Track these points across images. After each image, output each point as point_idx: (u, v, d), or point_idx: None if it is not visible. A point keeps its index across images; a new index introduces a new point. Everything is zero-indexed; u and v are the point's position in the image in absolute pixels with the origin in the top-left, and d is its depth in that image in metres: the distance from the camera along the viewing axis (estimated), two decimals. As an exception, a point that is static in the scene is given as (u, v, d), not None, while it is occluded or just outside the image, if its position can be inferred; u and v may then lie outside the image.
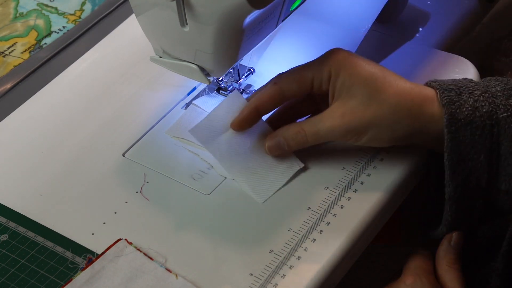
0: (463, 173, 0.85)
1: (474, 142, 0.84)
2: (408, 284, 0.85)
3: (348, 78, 0.87)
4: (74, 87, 1.03)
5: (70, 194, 0.91)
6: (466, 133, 0.84)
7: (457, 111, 0.84)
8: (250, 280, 0.82)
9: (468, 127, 0.84)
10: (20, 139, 0.98)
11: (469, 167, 0.85)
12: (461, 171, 0.85)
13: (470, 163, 0.85)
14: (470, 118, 0.84)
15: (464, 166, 0.85)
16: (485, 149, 0.84)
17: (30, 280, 0.84)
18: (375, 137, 0.87)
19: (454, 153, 0.85)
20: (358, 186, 0.89)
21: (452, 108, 0.84)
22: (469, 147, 0.84)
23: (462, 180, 0.85)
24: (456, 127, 0.84)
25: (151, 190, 0.91)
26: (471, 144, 0.84)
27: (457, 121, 0.84)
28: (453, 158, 0.85)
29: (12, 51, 1.10)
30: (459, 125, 0.84)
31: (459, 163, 0.85)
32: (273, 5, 0.84)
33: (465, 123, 0.84)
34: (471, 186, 0.86)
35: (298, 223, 0.86)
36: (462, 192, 0.86)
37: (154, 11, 0.86)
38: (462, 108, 0.84)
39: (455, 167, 0.85)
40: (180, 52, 0.88)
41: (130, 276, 0.83)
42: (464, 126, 0.84)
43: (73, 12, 1.15)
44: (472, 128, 0.84)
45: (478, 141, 0.84)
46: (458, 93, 0.86)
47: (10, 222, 0.89)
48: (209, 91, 1.00)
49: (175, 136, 0.95)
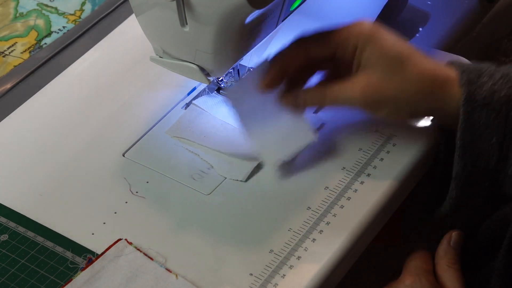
0: (473, 154, 0.86)
1: (488, 124, 0.85)
2: (407, 284, 0.85)
3: (374, 52, 0.87)
4: (74, 87, 1.03)
5: (70, 194, 0.91)
6: (481, 115, 0.85)
7: (475, 92, 0.85)
8: (250, 280, 0.82)
9: (485, 109, 0.85)
10: (20, 139, 0.98)
11: (480, 148, 0.86)
12: (471, 151, 0.86)
13: (481, 144, 0.86)
14: (487, 101, 0.85)
15: (475, 146, 0.86)
16: (499, 132, 0.85)
17: (30, 280, 0.84)
18: (393, 112, 0.88)
19: (467, 133, 0.85)
20: (358, 186, 0.89)
21: (470, 89, 0.85)
22: (482, 128, 0.85)
23: (472, 160, 0.86)
24: (472, 107, 0.85)
25: (151, 190, 0.91)
26: (485, 126, 0.85)
27: (474, 101, 0.85)
28: (465, 137, 0.86)
29: (12, 51, 1.10)
30: (475, 105, 0.85)
31: (471, 143, 0.86)
32: (273, 5, 0.84)
33: (482, 105, 0.85)
34: (479, 167, 0.86)
35: (298, 223, 0.86)
36: (469, 172, 0.86)
37: (154, 11, 0.86)
38: (480, 89, 0.85)
39: (466, 147, 0.86)
40: (180, 52, 0.88)
41: (130, 276, 0.83)
42: (480, 107, 0.85)
43: (73, 12, 1.15)
44: (488, 110, 0.85)
45: (492, 123, 0.85)
46: (478, 75, 0.86)
47: (10, 222, 0.89)
48: (209, 91, 1.00)
49: (175, 136, 0.95)
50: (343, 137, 0.94)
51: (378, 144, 0.93)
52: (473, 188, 0.88)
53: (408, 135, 0.93)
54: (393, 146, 0.92)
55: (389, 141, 0.93)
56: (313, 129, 0.92)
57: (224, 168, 0.92)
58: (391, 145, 0.92)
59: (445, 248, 0.88)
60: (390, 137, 0.93)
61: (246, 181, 0.91)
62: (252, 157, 0.92)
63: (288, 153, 0.90)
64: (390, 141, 0.93)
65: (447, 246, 0.88)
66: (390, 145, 0.92)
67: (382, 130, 0.94)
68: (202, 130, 0.95)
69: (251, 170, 0.91)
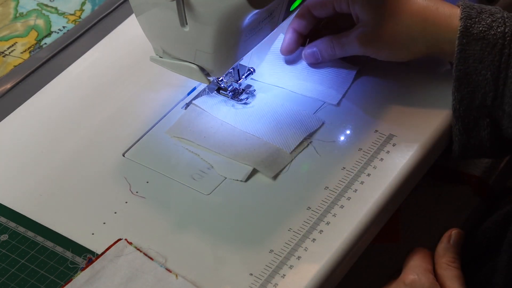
0: (469, 87, 0.87)
1: (483, 57, 0.87)
2: (407, 283, 0.86)
3: (365, 3, 0.92)
4: (74, 87, 1.03)
5: (70, 194, 0.91)
6: (476, 47, 0.87)
7: (472, 26, 0.87)
8: (250, 280, 0.82)
9: (479, 42, 0.87)
10: (20, 139, 0.98)
11: (476, 82, 0.87)
12: (467, 84, 0.87)
13: (476, 77, 0.87)
14: (482, 34, 0.87)
15: (471, 79, 0.87)
16: (493, 67, 0.87)
17: (30, 280, 0.84)
18: (393, 54, 0.94)
19: (461, 65, 0.87)
20: (358, 186, 0.89)
21: (468, 23, 0.87)
22: (477, 61, 0.87)
23: (468, 93, 0.88)
24: (467, 40, 0.87)
25: (151, 190, 0.91)
26: (480, 59, 0.87)
27: (470, 34, 0.87)
28: (460, 69, 0.87)
29: (12, 51, 1.10)
30: (471, 38, 0.87)
31: (466, 76, 0.87)
32: (273, 5, 0.84)
33: (477, 38, 0.87)
34: (476, 102, 0.88)
35: (298, 223, 0.86)
36: (467, 106, 0.88)
37: (154, 11, 0.86)
38: (478, 24, 0.87)
39: (461, 79, 0.88)
40: (180, 52, 0.88)
41: (130, 276, 0.83)
42: (475, 40, 0.87)
43: (73, 12, 1.15)
44: (483, 44, 0.87)
45: (487, 57, 0.87)
46: (479, 11, 0.89)
47: (10, 222, 0.89)
48: (209, 91, 1.00)
49: (175, 136, 0.95)
50: (343, 137, 0.94)
51: (378, 144, 0.93)
52: (473, 126, 0.89)
53: (408, 135, 0.93)
54: (393, 146, 0.92)
55: (389, 141, 0.93)
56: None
57: (224, 168, 0.92)
58: (391, 145, 0.92)
59: (445, 246, 0.88)
60: (390, 137, 0.93)
61: (246, 181, 0.91)
62: (252, 157, 0.92)
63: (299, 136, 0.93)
64: (390, 141, 0.93)
65: (447, 244, 0.88)
66: (390, 145, 0.92)
67: (382, 130, 0.94)
68: (202, 130, 0.95)
69: (251, 170, 0.91)
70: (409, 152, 0.91)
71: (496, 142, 0.90)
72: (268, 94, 0.99)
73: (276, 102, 0.98)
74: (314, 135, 0.94)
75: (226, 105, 0.98)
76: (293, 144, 0.93)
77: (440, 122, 0.94)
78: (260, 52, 1.02)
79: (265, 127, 0.95)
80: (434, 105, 0.95)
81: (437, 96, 0.96)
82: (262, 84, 1.00)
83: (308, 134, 0.94)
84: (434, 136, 0.93)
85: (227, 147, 0.93)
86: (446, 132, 0.94)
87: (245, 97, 0.98)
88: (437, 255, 0.88)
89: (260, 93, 0.99)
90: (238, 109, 0.97)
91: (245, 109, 0.97)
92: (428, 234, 1.05)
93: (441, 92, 0.96)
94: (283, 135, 0.94)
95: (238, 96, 0.98)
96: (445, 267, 0.87)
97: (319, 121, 0.95)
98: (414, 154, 0.91)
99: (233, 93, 0.98)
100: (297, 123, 0.95)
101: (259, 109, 0.97)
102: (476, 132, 0.89)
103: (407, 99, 0.96)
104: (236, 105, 0.98)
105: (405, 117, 0.95)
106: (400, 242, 1.06)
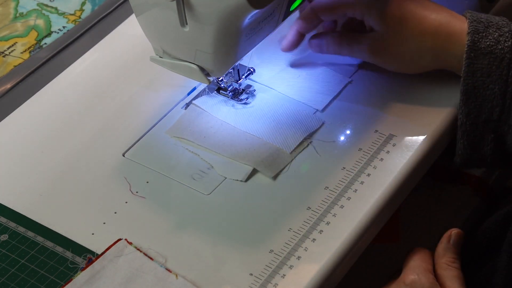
0: (476, 101, 0.88)
1: (490, 71, 0.87)
2: (407, 283, 0.86)
3: (378, 17, 0.93)
4: (74, 87, 1.03)
5: (70, 194, 0.91)
6: (484, 62, 0.87)
7: (480, 40, 0.88)
8: (250, 280, 0.82)
9: (487, 57, 0.87)
10: (20, 139, 0.98)
11: (483, 96, 0.88)
12: (474, 98, 0.88)
13: (484, 91, 0.88)
14: (490, 49, 0.87)
15: (478, 93, 0.88)
16: (501, 81, 0.87)
17: (30, 280, 0.84)
18: (401, 67, 0.95)
19: (469, 79, 0.88)
20: (358, 186, 0.89)
21: (475, 38, 0.88)
22: (485, 75, 0.87)
23: (475, 107, 0.88)
24: (475, 54, 0.88)
25: (151, 190, 0.91)
26: (487, 73, 0.87)
27: (477, 49, 0.88)
28: (468, 83, 0.88)
29: (12, 51, 1.10)
30: (479, 53, 0.88)
31: (473, 90, 0.88)
32: (273, 5, 0.84)
33: (485, 52, 0.88)
34: (482, 116, 0.89)
35: (298, 223, 0.86)
36: (474, 121, 0.89)
37: (154, 11, 0.86)
38: (485, 39, 0.88)
39: (469, 93, 0.88)
40: (180, 52, 0.88)
41: (130, 276, 0.83)
42: (483, 55, 0.88)
43: (73, 12, 1.15)
44: (491, 58, 0.87)
45: (495, 71, 0.87)
46: (486, 25, 0.89)
47: (10, 222, 0.89)
48: (209, 91, 1.00)
49: (175, 136, 0.95)
50: (343, 137, 0.94)
51: (378, 144, 0.93)
52: (479, 139, 0.90)
53: (408, 135, 0.93)
54: (393, 146, 0.92)
55: (389, 141, 0.93)
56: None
57: (224, 168, 0.92)
58: (391, 145, 0.92)
59: (445, 247, 0.88)
60: (390, 137, 0.93)
61: (246, 181, 0.91)
62: (252, 157, 0.92)
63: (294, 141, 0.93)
64: (390, 141, 0.93)
65: (447, 245, 0.88)
66: (390, 145, 0.92)
67: (382, 130, 0.94)
68: (202, 130, 0.95)
69: (251, 170, 0.91)
70: (409, 152, 0.91)
71: (498, 156, 0.90)
72: (268, 94, 0.99)
73: (276, 102, 0.98)
74: (314, 135, 0.94)
75: (226, 105, 0.98)
76: (293, 144, 0.93)
77: (440, 122, 0.94)
78: (260, 52, 1.02)
79: (265, 127, 0.95)
80: (434, 105, 0.95)
81: (437, 96, 0.96)
82: (261, 84, 1.00)
83: (308, 134, 0.94)
84: (434, 136, 0.93)
85: (227, 147, 0.93)
86: (446, 133, 0.94)
87: (245, 97, 0.98)
88: (437, 255, 0.88)
89: (260, 93, 0.99)
90: (238, 109, 0.97)
91: (245, 109, 0.97)
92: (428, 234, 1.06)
93: (441, 92, 0.96)
94: (283, 135, 0.94)
95: (238, 96, 0.98)
96: (445, 267, 0.87)
97: (319, 121, 0.95)
98: (414, 154, 0.91)
99: (233, 93, 0.98)
100: (297, 123, 0.95)
101: (259, 109, 0.97)
102: (479, 145, 0.90)
103: (407, 99, 0.96)
104: (236, 105, 0.98)
105: (405, 117, 0.95)
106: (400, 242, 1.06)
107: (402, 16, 0.92)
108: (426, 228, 1.07)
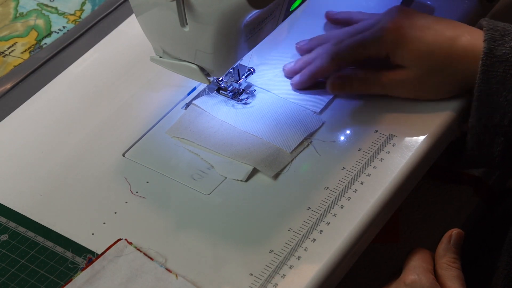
0: (489, 107, 0.89)
1: (505, 79, 0.88)
2: (408, 283, 0.86)
3: (404, 55, 0.92)
4: (74, 87, 1.03)
5: (70, 194, 0.91)
6: (499, 69, 0.88)
7: (496, 48, 0.88)
8: (250, 280, 0.82)
9: (502, 65, 0.88)
10: (20, 139, 0.98)
11: (496, 103, 0.88)
12: (487, 105, 0.89)
13: (497, 98, 0.88)
14: (506, 57, 0.88)
15: (491, 100, 0.89)
16: None
17: (30, 280, 0.84)
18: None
19: (484, 86, 0.88)
20: (358, 186, 0.89)
21: (492, 45, 0.89)
22: (499, 83, 0.88)
23: (487, 113, 0.89)
24: (491, 62, 0.88)
25: (151, 190, 0.91)
26: (502, 81, 0.88)
27: (493, 56, 0.88)
28: (482, 90, 0.89)
29: (12, 51, 1.10)
30: (494, 60, 0.88)
31: (487, 97, 0.89)
32: (273, 5, 0.84)
33: (501, 60, 0.88)
34: (494, 121, 0.89)
35: (298, 223, 0.86)
36: (484, 125, 0.89)
37: (154, 11, 0.86)
38: (501, 47, 0.88)
39: (482, 100, 0.89)
40: (180, 52, 0.88)
41: (130, 276, 0.83)
42: (499, 62, 0.88)
43: (73, 12, 1.15)
44: (506, 66, 0.88)
45: (509, 79, 0.88)
46: (502, 34, 0.90)
47: (10, 222, 0.89)
48: (209, 91, 1.00)
49: (175, 136, 0.95)
50: (343, 137, 0.94)
51: (378, 144, 0.93)
52: (488, 143, 0.90)
53: (408, 135, 0.93)
54: (393, 146, 0.92)
55: (389, 141, 0.93)
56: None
57: (224, 168, 0.92)
58: (391, 145, 0.92)
59: (445, 247, 0.88)
60: (390, 137, 0.93)
61: (246, 181, 0.91)
62: (252, 156, 0.92)
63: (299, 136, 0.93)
64: (390, 141, 0.93)
65: (447, 245, 0.88)
66: (390, 145, 0.92)
67: (382, 130, 0.94)
68: (202, 130, 0.95)
69: (251, 170, 0.91)
70: (409, 152, 0.91)
71: (506, 157, 0.90)
72: (268, 94, 0.99)
73: (276, 102, 0.98)
74: (314, 135, 0.94)
75: (226, 105, 0.98)
76: (293, 144, 0.93)
77: (440, 123, 0.94)
78: (260, 52, 1.02)
79: (265, 127, 0.95)
80: (434, 105, 0.95)
81: (437, 96, 0.96)
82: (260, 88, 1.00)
83: (308, 134, 0.94)
84: (434, 136, 0.93)
85: (227, 147, 0.93)
86: (446, 133, 0.94)
87: (245, 97, 0.98)
88: (437, 256, 0.88)
89: (260, 93, 0.99)
90: (238, 109, 0.97)
91: (245, 109, 0.97)
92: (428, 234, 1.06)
93: (441, 92, 0.96)
94: (283, 135, 0.94)
95: (238, 96, 0.98)
96: (446, 267, 0.87)
97: (319, 121, 0.95)
98: (414, 154, 0.91)
99: (233, 93, 0.98)
100: (297, 123, 0.95)
101: (259, 109, 0.97)
102: (488, 149, 0.90)
103: (407, 99, 0.96)
104: (236, 105, 0.98)
105: (405, 117, 0.95)
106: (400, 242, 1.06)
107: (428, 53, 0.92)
108: (426, 228, 1.07)
